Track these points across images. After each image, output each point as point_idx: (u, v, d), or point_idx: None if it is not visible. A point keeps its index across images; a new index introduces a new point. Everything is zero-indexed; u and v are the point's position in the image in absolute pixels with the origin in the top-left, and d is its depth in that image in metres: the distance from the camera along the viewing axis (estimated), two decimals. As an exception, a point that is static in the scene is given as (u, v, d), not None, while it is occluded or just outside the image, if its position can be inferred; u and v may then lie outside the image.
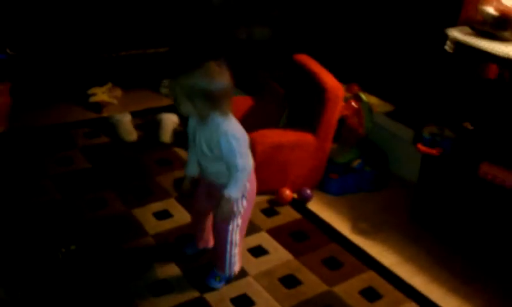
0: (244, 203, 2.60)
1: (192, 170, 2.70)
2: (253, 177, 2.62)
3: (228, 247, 2.67)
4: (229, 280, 2.78)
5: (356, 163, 3.68)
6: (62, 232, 2.98)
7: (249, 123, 3.68)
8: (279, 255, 3.03)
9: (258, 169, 3.38)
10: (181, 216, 3.23)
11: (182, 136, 4.07)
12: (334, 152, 3.68)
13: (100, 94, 4.33)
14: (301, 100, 3.69)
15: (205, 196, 2.71)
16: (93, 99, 4.31)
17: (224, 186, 2.47)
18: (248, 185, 2.57)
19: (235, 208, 2.56)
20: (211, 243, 2.89)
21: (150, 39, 4.71)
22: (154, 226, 3.12)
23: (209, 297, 2.68)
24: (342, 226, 3.34)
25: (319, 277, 2.89)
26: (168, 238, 3.04)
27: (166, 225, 3.15)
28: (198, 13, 4.93)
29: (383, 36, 4.10)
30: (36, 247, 2.85)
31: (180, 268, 2.83)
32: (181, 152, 3.91)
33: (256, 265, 2.93)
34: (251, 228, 3.19)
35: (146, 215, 3.22)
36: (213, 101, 2.37)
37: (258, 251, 3.03)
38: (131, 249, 2.94)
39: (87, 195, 3.33)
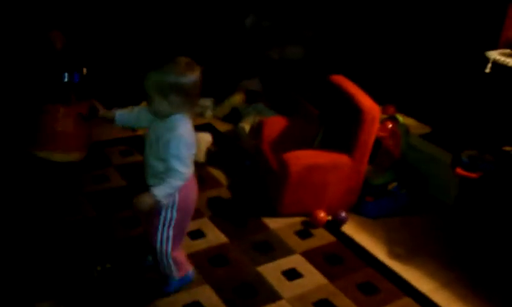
0: (175, 214, 2.54)
1: (123, 117, 2.62)
2: (189, 190, 2.57)
3: (159, 255, 2.62)
4: (188, 281, 2.76)
5: (392, 186, 3.62)
6: (96, 250, 2.99)
7: (283, 143, 3.69)
8: (313, 279, 2.98)
9: (293, 190, 3.39)
10: (214, 235, 3.22)
11: (215, 155, 4.07)
12: (369, 174, 3.63)
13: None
14: (336, 121, 3.65)
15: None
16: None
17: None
18: (178, 196, 2.50)
19: (163, 217, 2.52)
20: None
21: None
22: (187, 246, 3.10)
23: (243, 319, 2.66)
24: (377, 250, 3.28)
25: (354, 303, 2.83)
26: (202, 258, 3.02)
27: (199, 245, 3.13)
28: (232, 34, 4.96)
29: (420, 57, 4.05)
30: (70, 264, 2.86)
31: (214, 289, 2.81)
32: (214, 171, 3.91)
33: (291, 289, 2.88)
34: (286, 250, 3.17)
35: (179, 234, 3.21)
36: (185, 96, 2.36)
37: (292, 274, 2.99)
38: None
39: (122, 213, 3.34)
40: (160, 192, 2.39)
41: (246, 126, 4.36)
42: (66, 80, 3.80)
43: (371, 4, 4.40)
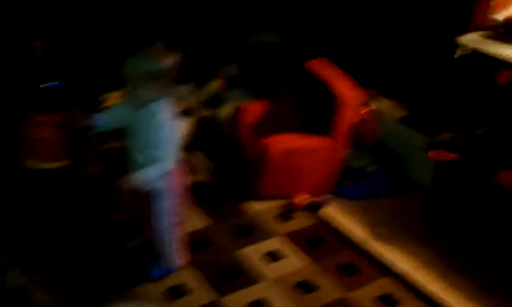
0: (172, 202, 2.59)
1: (101, 120, 2.61)
2: (179, 176, 2.61)
3: (163, 244, 2.67)
4: (171, 272, 2.78)
5: (371, 168, 3.67)
6: (77, 235, 2.99)
7: (262, 128, 3.70)
8: (295, 260, 3.02)
9: (272, 174, 3.41)
10: (196, 220, 3.24)
11: (195, 141, 4.07)
12: (349, 157, 3.67)
13: (114, 99, 4.32)
14: (315, 106, 3.68)
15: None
16: (106, 104, 4.31)
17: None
18: (173, 183, 2.55)
19: (162, 207, 2.56)
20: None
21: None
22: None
23: (227, 300, 2.69)
24: (358, 231, 3.32)
25: (335, 283, 2.88)
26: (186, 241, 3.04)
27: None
28: (211, 19, 4.94)
29: (399, 41, 4.09)
30: (50, 249, 2.86)
31: (198, 272, 2.83)
32: (194, 157, 3.91)
33: (272, 270, 2.92)
34: (267, 233, 3.20)
35: (161, 219, 3.21)
36: (166, 80, 2.38)
37: (274, 256, 3.03)
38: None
39: (100, 199, 3.33)
40: (147, 174, 2.40)
41: (226, 111, 4.36)
42: (47, 87, 3.78)
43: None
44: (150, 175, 2.41)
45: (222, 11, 5.00)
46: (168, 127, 2.41)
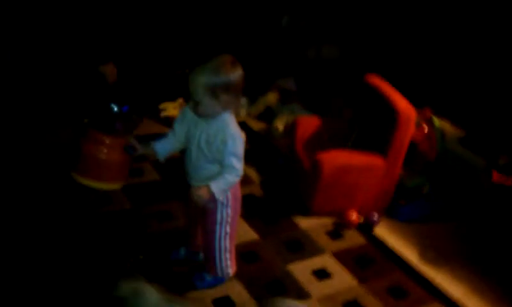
0: (229, 211, 2.59)
1: (163, 145, 2.64)
2: (238, 187, 2.61)
3: (217, 253, 2.67)
4: (219, 283, 2.79)
5: (426, 189, 3.59)
6: (129, 242, 3.05)
7: (316, 143, 3.69)
8: (343, 279, 2.99)
9: (325, 190, 3.39)
10: (245, 232, 3.25)
11: (248, 154, 4.09)
12: (403, 176, 3.61)
13: (171, 109, 4.42)
14: (371, 122, 3.63)
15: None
16: (164, 113, 4.41)
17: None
18: (230, 194, 2.55)
19: (219, 216, 2.57)
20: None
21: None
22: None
23: (271, 316, 2.68)
24: (409, 253, 3.25)
25: (383, 305, 2.83)
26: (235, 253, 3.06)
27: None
28: (268, 33, 4.98)
29: (456, 59, 4.00)
30: (103, 255, 2.93)
31: (244, 285, 2.84)
32: (247, 169, 3.92)
33: (320, 288, 2.90)
34: (317, 250, 3.18)
35: (211, 230, 3.25)
36: (234, 93, 2.38)
37: (322, 274, 3.01)
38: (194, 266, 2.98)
39: (155, 206, 3.39)
40: (219, 187, 2.44)
41: (280, 125, 4.38)
42: (114, 111, 3.90)
43: (407, 7, 4.37)
44: (219, 189, 2.44)
45: (281, 24, 5.04)
46: (233, 140, 2.42)
